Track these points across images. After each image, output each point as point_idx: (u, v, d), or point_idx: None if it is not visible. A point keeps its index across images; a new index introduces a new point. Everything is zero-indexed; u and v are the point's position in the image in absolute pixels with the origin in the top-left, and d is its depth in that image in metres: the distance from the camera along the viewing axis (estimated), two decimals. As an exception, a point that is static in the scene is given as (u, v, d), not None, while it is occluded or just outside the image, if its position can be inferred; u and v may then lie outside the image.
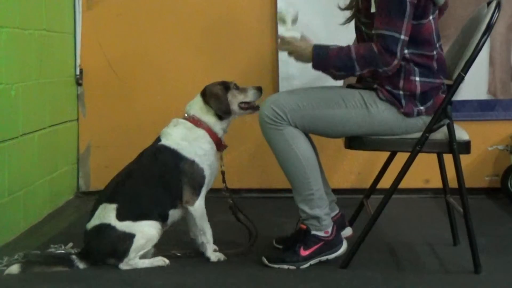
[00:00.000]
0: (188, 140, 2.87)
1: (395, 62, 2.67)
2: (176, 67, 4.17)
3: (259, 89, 2.98)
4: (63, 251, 2.99)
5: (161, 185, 2.84)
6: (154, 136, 3.03)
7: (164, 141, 2.89)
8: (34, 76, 3.51)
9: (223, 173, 2.98)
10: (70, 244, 3.06)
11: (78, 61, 4.12)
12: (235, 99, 2.94)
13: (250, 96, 2.96)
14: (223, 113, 2.90)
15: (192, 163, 2.85)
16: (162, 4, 4.15)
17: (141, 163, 2.90)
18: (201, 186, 2.87)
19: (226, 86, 2.94)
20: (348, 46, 2.73)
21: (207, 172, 2.88)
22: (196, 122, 2.91)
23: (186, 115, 2.95)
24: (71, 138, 4.13)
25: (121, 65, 4.17)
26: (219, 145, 2.93)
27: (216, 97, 2.91)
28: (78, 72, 4.12)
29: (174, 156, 2.85)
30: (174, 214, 2.88)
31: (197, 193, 2.86)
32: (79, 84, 4.15)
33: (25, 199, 3.38)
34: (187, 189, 2.85)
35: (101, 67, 4.15)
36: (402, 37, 2.64)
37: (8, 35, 3.20)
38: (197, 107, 2.94)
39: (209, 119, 2.91)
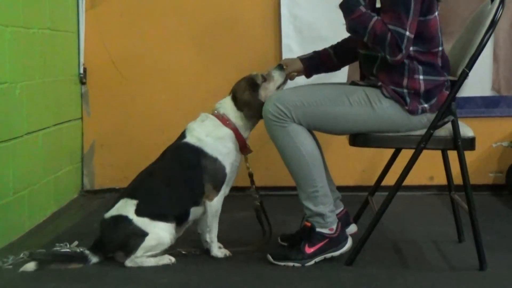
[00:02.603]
0: (213, 137, 2.87)
1: (399, 57, 2.66)
2: (180, 66, 4.16)
3: (280, 67, 2.96)
4: (68, 250, 2.99)
5: (183, 183, 2.85)
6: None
7: (188, 138, 2.89)
8: (38, 75, 3.51)
9: (250, 175, 2.98)
10: (75, 243, 3.06)
11: (82, 60, 4.12)
12: (267, 92, 2.91)
13: (277, 79, 2.94)
14: (258, 117, 2.88)
15: (215, 160, 2.86)
16: (166, 3, 4.15)
17: (164, 161, 2.91)
18: (222, 183, 2.88)
19: (254, 85, 2.92)
20: (371, 17, 2.67)
21: (228, 170, 2.88)
22: (225, 121, 2.90)
23: (215, 111, 2.94)
24: (75, 137, 4.14)
25: (125, 64, 4.17)
26: (244, 148, 2.92)
27: (247, 105, 2.89)
28: (82, 71, 4.12)
29: (196, 153, 2.85)
30: (195, 212, 2.89)
31: (217, 189, 2.88)
32: (83, 83, 4.15)
33: (30, 198, 3.38)
34: (208, 185, 2.86)
35: (105, 65, 4.15)
36: (407, 33, 2.63)
37: (12, 34, 3.20)
38: (227, 107, 2.93)
39: (238, 120, 2.91)
